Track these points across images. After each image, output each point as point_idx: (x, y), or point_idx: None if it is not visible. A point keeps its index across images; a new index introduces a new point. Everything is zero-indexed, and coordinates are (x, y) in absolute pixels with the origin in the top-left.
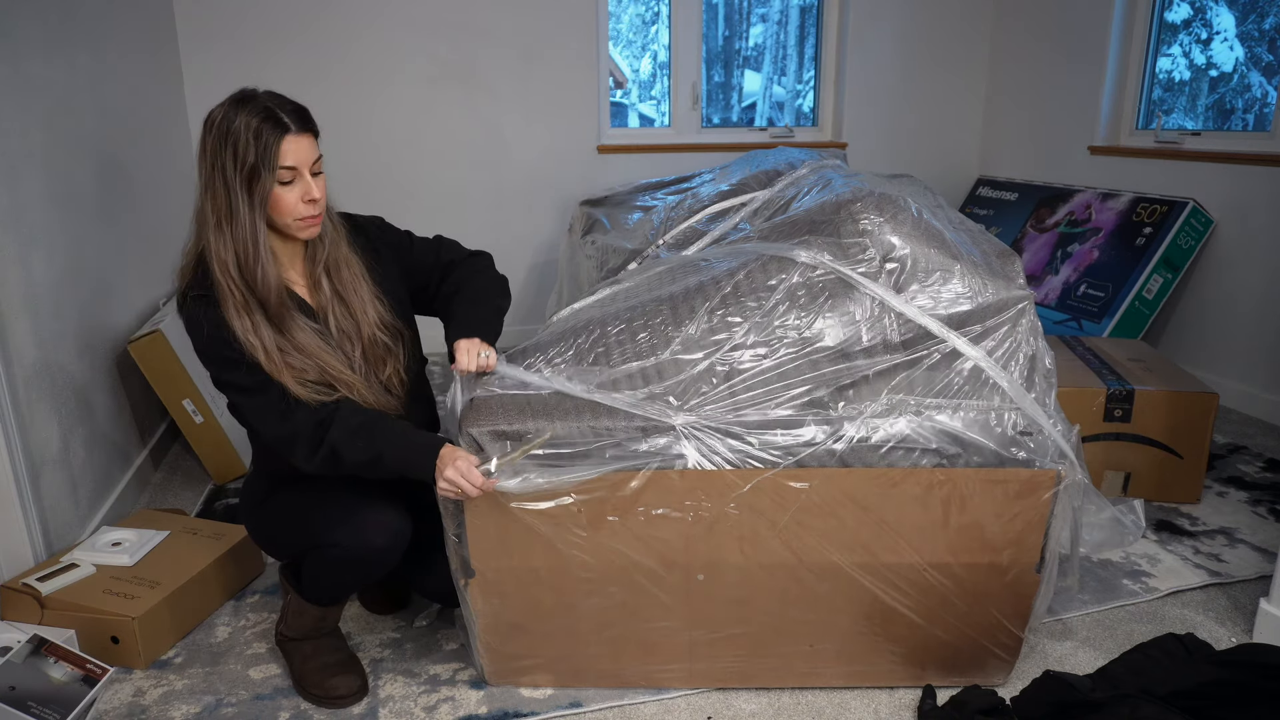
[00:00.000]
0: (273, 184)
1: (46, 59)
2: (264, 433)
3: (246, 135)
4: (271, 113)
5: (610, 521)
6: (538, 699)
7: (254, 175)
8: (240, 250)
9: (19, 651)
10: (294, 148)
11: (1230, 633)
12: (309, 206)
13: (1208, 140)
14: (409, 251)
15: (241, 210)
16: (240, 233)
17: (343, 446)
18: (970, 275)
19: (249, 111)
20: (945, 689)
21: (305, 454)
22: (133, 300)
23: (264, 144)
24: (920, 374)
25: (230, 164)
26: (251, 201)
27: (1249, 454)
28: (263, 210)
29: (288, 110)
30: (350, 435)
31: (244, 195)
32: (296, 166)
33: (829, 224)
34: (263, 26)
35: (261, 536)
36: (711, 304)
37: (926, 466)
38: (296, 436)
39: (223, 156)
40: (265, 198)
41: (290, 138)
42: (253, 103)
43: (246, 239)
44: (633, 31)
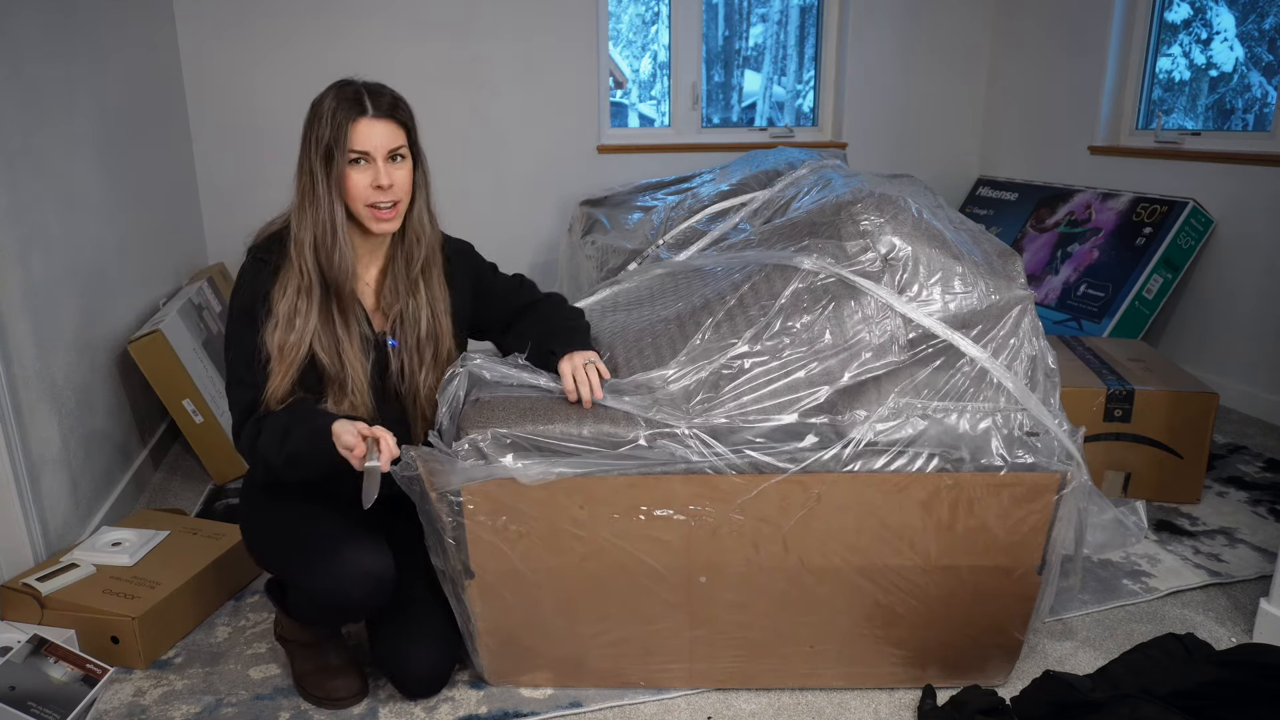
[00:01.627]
0: (344, 165)
1: (46, 59)
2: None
3: (326, 116)
4: (355, 96)
5: (612, 524)
6: (538, 699)
7: (329, 155)
8: (318, 231)
9: (19, 651)
10: (368, 131)
11: (1230, 633)
12: (378, 193)
13: (1208, 140)
14: (490, 278)
15: (320, 190)
16: (319, 214)
17: (265, 449)
18: (972, 275)
19: (335, 95)
20: (945, 689)
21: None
22: (133, 300)
23: (338, 124)
24: (925, 377)
25: (313, 144)
26: (329, 182)
27: (1249, 454)
28: (339, 191)
29: (373, 95)
30: (269, 438)
31: (323, 175)
32: (369, 151)
33: (829, 225)
34: (263, 27)
35: (251, 546)
36: (717, 318)
37: (932, 470)
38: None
39: (310, 137)
40: (340, 179)
41: (365, 120)
42: (347, 87)
43: (325, 220)
44: (633, 31)
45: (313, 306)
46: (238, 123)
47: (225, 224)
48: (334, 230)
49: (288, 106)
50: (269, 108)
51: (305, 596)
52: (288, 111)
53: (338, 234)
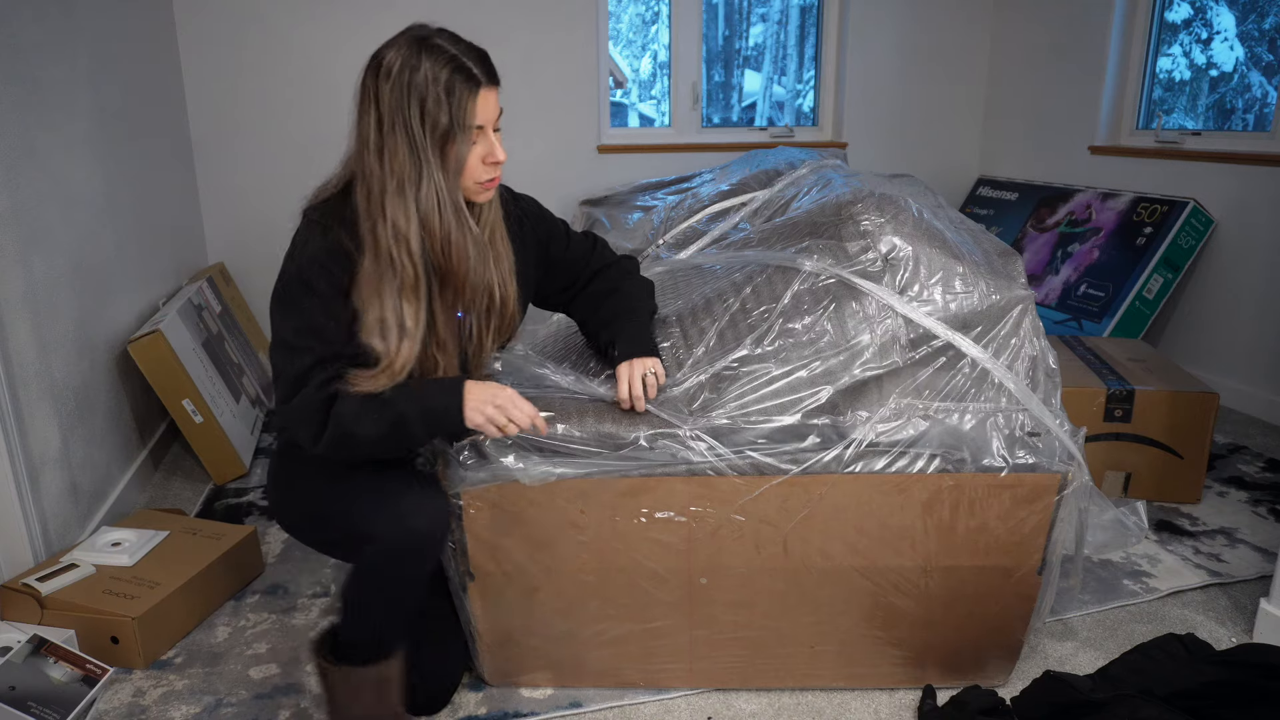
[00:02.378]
0: (468, 147)
1: (47, 59)
2: (276, 401)
3: (436, 90)
4: (460, 64)
5: (613, 525)
6: (538, 699)
7: (448, 138)
8: (431, 222)
9: (19, 651)
10: (485, 104)
11: (1230, 633)
12: (491, 169)
13: (1208, 140)
14: (563, 244)
15: (436, 176)
16: (432, 201)
17: (352, 421)
18: (972, 275)
19: (434, 60)
20: (945, 689)
21: (310, 434)
22: (133, 300)
23: (457, 101)
24: (926, 377)
25: (418, 122)
26: (446, 167)
27: (1249, 454)
28: (458, 176)
29: (474, 58)
30: (359, 407)
31: (438, 160)
32: (484, 125)
33: (830, 226)
34: (263, 27)
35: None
36: (720, 325)
37: (934, 471)
38: (300, 413)
39: (406, 111)
40: (462, 163)
41: (483, 92)
42: (435, 49)
43: (444, 208)
44: (633, 31)
45: (422, 307)
46: (238, 123)
47: (225, 224)
48: (458, 218)
49: (288, 106)
50: (269, 108)
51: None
52: (288, 111)
53: (464, 222)
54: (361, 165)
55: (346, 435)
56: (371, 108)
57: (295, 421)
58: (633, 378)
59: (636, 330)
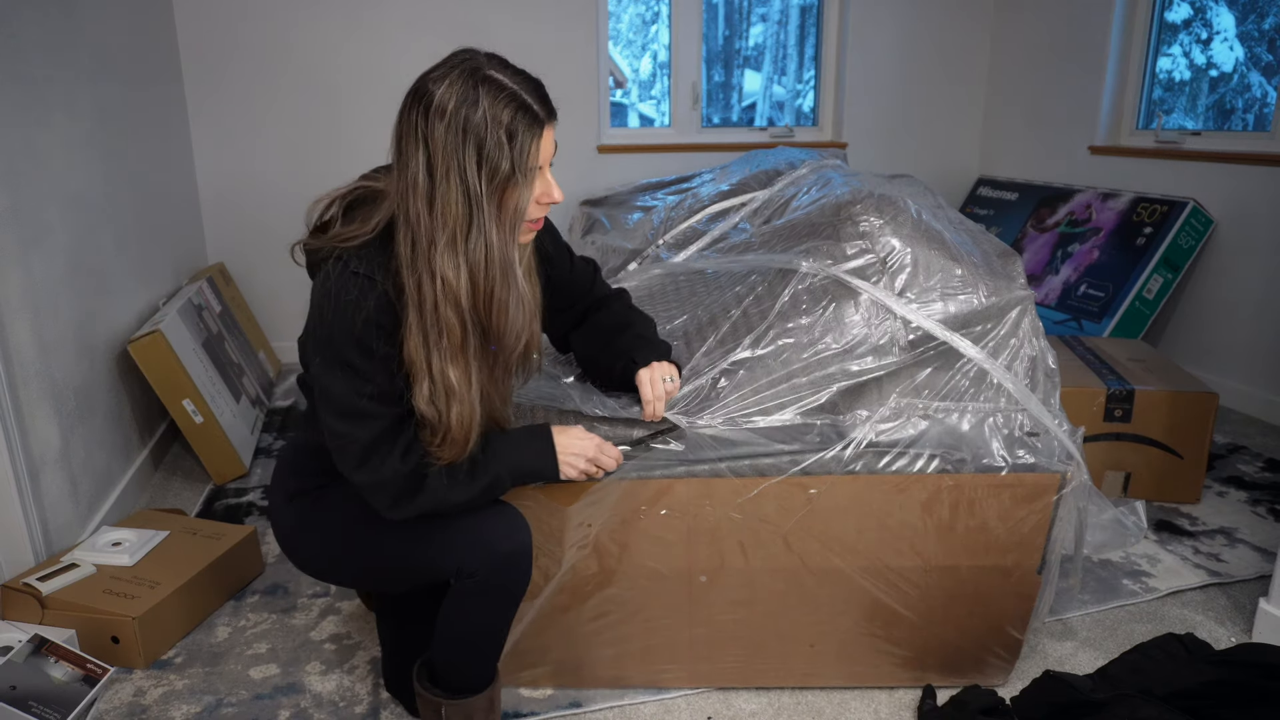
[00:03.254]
0: (529, 193)
1: (47, 59)
2: (342, 465)
3: (497, 134)
4: (522, 101)
5: (614, 525)
6: (538, 699)
7: (508, 185)
8: (478, 276)
9: (19, 651)
10: (547, 144)
11: (1230, 633)
12: (543, 209)
13: (1208, 140)
14: (567, 268)
15: (489, 227)
16: (480, 254)
17: (446, 491)
18: (971, 276)
19: (493, 98)
20: (945, 689)
21: (391, 502)
22: (133, 300)
23: (520, 146)
24: (926, 377)
25: (474, 168)
26: (501, 217)
27: (1249, 454)
28: (515, 228)
29: (533, 92)
30: (450, 475)
31: (493, 209)
32: (543, 165)
33: (829, 226)
34: (263, 27)
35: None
36: (720, 326)
37: (933, 471)
38: (386, 485)
39: (462, 156)
40: (522, 212)
41: (545, 132)
42: (492, 84)
43: (492, 263)
44: (633, 31)
45: (472, 367)
46: (238, 123)
47: (225, 224)
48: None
49: (288, 107)
50: (269, 108)
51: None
52: (287, 112)
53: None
54: (406, 211)
55: (440, 503)
56: (420, 149)
57: (378, 492)
58: (654, 380)
59: (651, 342)
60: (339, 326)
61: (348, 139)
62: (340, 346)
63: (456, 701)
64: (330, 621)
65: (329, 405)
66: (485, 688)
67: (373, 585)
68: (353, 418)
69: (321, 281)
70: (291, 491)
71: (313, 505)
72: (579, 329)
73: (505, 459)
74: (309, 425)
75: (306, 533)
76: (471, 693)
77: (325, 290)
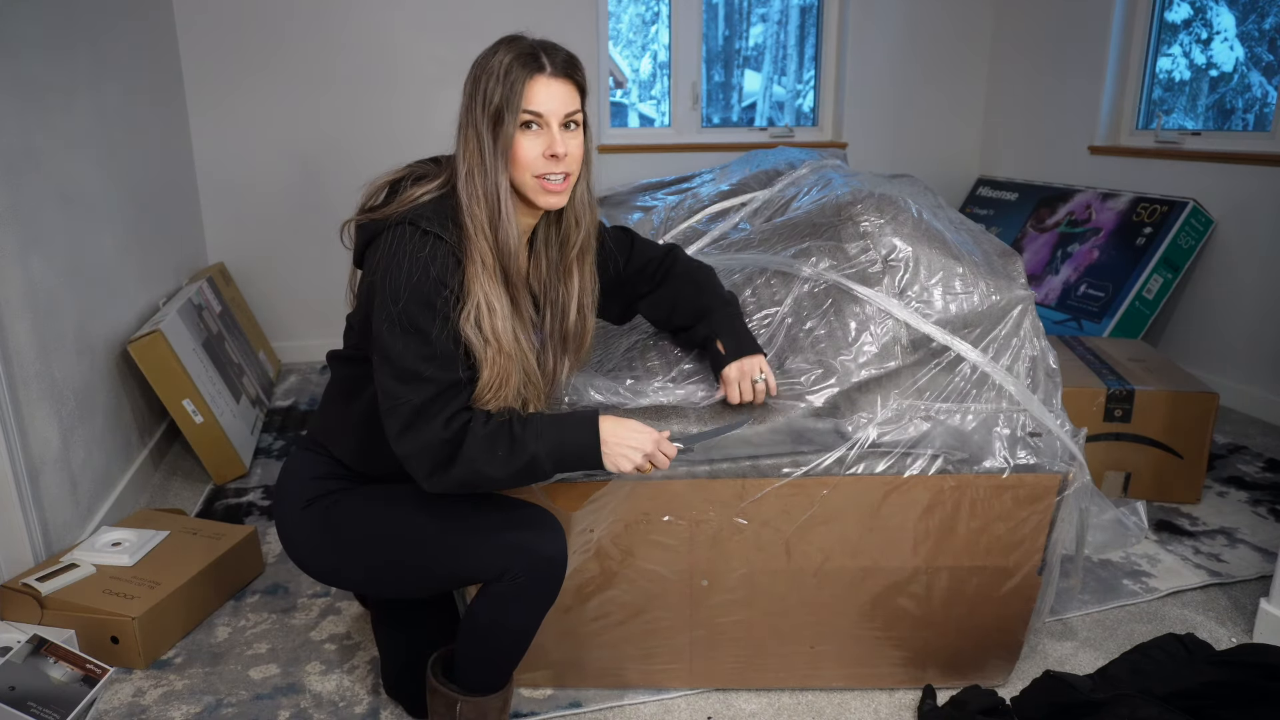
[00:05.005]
0: (514, 129)
1: (46, 59)
2: (389, 429)
3: (498, 73)
4: (530, 51)
5: (614, 527)
6: (538, 699)
7: (498, 117)
8: (489, 204)
9: (19, 651)
10: (545, 92)
11: (1230, 633)
12: (550, 163)
13: (1208, 140)
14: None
15: (486, 157)
16: (488, 183)
17: (484, 462)
18: (972, 276)
19: (507, 49)
20: (945, 689)
21: (428, 470)
22: (133, 300)
23: (511, 82)
24: (927, 378)
25: (479, 105)
26: (495, 148)
27: (1249, 454)
28: (505, 159)
29: (549, 52)
30: (489, 447)
31: (490, 140)
32: (542, 113)
33: (829, 227)
34: (263, 27)
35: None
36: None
37: (935, 472)
38: (426, 449)
39: (476, 97)
40: (509, 144)
41: (542, 79)
42: (517, 43)
43: (491, 191)
44: (633, 31)
45: (502, 292)
46: (238, 123)
47: (225, 224)
48: (500, 202)
49: (287, 105)
50: (269, 108)
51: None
52: (287, 110)
53: (504, 207)
54: (457, 157)
55: (475, 476)
56: (461, 100)
57: (419, 458)
58: (742, 381)
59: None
60: (407, 284)
61: (348, 139)
62: (407, 304)
63: (473, 699)
64: (330, 621)
65: (388, 366)
66: (502, 687)
67: (396, 590)
68: (409, 380)
69: (387, 244)
70: (309, 498)
71: (332, 511)
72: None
73: (547, 439)
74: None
75: (326, 540)
76: (489, 691)
77: (392, 251)
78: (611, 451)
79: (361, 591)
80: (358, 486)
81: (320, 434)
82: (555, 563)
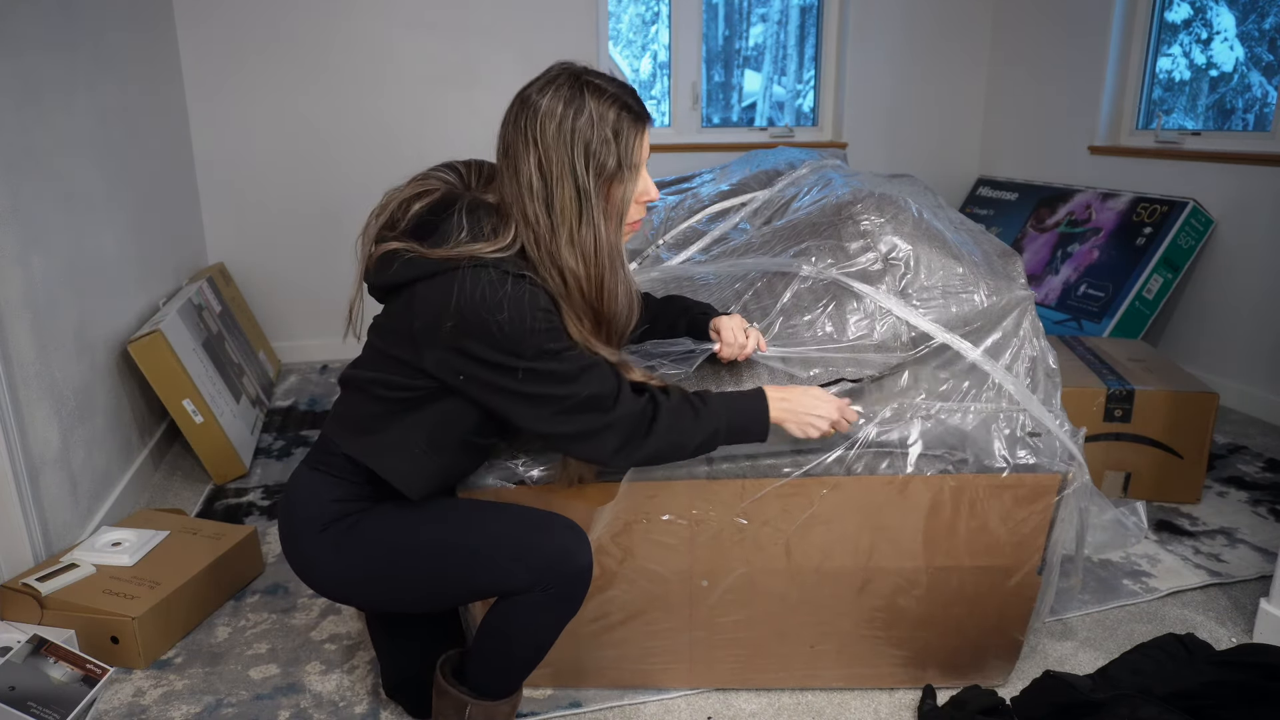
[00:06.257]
0: (633, 188)
1: (46, 59)
2: (594, 444)
3: (603, 131)
4: (624, 102)
5: (614, 527)
6: (538, 699)
7: (614, 179)
8: (592, 270)
9: (19, 651)
10: (646, 142)
11: (1230, 633)
12: (640, 210)
13: (1208, 140)
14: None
15: (598, 221)
16: (590, 245)
17: (676, 431)
18: (972, 276)
19: (598, 100)
20: (945, 689)
21: (620, 443)
22: (133, 300)
23: (625, 142)
24: (927, 378)
25: (583, 165)
26: (608, 210)
27: (1249, 454)
28: (622, 221)
29: (630, 95)
30: (677, 416)
31: (601, 203)
32: (641, 164)
33: (829, 226)
34: (263, 27)
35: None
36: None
37: (935, 472)
38: (620, 422)
39: (572, 154)
40: (626, 205)
41: (646, 130)
42: (596, 89)
43: (601, 252)
44: (633, 31)
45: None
46: (238, 122)
47: (225, 224)
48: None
49: (287, 106)
50: (269, 107)
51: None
52: (287, 111)
53: (620, 269)
54: (524, 214)
55: (670, 445)
56: (531, 153)
57: (612, 428)
58: (735, 329)
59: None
60: (522, 326)
61: (349, 139)
62: (535, 341)
63: (483, 703)
64: (330, 621)
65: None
66: (513, 692)
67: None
68: (581, 379)
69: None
70: (327, 521)
71: (353, 532)
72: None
73: (726, 412)
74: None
75: (348, 561)
76: (500, 696)
77: (487, 297)
78: (801, 422)
79: (383, 610)
80: (374, 505)
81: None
82: (585, 572)
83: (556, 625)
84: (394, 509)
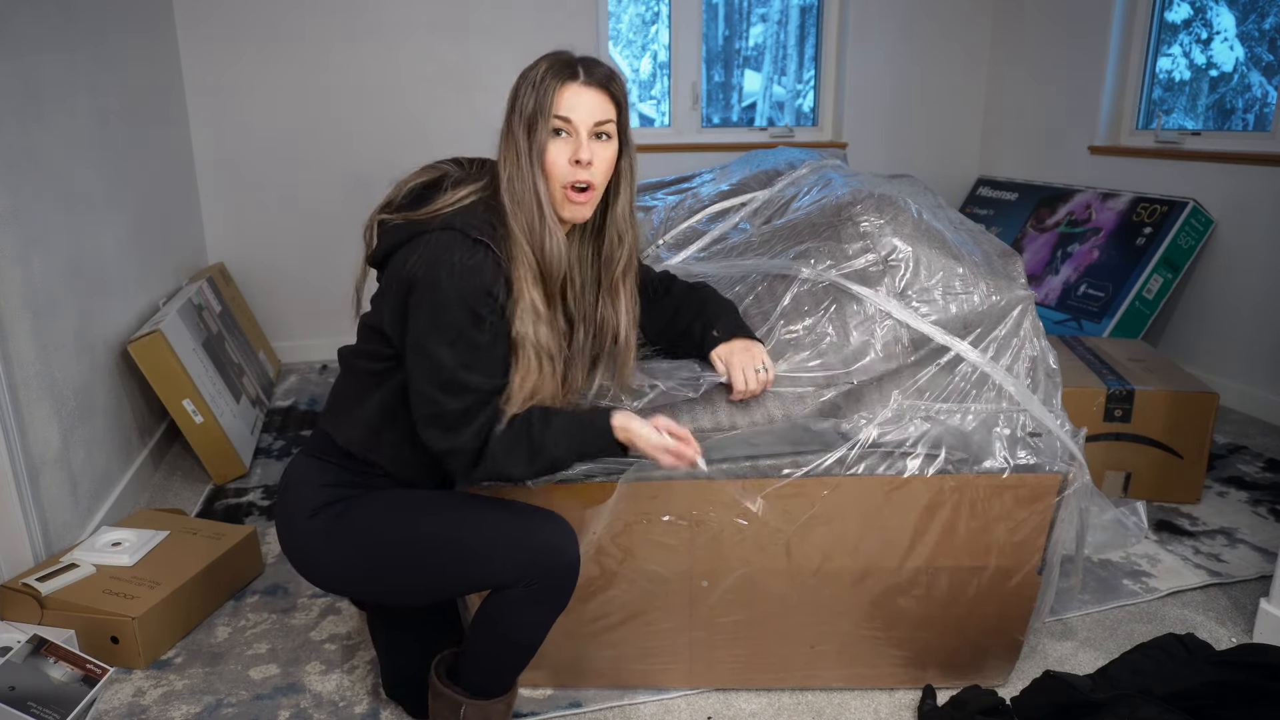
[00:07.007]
0: (546, 134)
1: (46, 59)
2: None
3: (535, 79)
4: (568, 62)
5: (614, 528)
6: (538, 699)
7: (532, 123)
8: (528, 209)
9: (19, 651)
10: (575, 99)
11: (1230, 633)
12: (575, 169)
13: (1208, 140)
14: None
15: (524, 163)
16: (525, 191)
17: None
18: (972, 276)
19: (547, 60)
20: (945, 689)
21: (460, 470)
22: (133, 300)
23: (545, 88)
24: (927, 378)
25: (517, 112)
26: (530, 153)
27: (1249, 454)
28: (540, 164)
29: (586, 63)
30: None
31: (525, 145)
32: (571, 119)
33: (829, 227)
34: (263, 27)
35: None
36: None
37: (935, 472)
38: (455, 453)
39: (515, 104)
40: (541, 149)
41: (574, 86)
42: (558, 55)
43: (530, 197)
44: (633, 31)
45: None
46: (238, 123)
47: (225, 224)
48: (540, 208)
49: (287, 106)
50: (269, 107)
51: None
52: (287, 111)
53: (545, 212)
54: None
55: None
56: (507, 106)
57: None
58: (747, 370)
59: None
60: (455, 292)
61: (349, 139)
62: (454, 312)
63: (477, 702)
64: (330, 621)
65: (432, 375)
66: (507, 691)
67: (406, 598)
68: (451, 389)
69: (430, 249)
70: (316, 506)
71: (342, 518)
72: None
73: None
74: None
75: (335, 548)
76: (494, 695)
77: (436, 257)
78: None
79: (368, 600)
80: (366, 493)
81: (331, 427)
82: (572, 569)
83: (545, 621)
84: (385, 498)
